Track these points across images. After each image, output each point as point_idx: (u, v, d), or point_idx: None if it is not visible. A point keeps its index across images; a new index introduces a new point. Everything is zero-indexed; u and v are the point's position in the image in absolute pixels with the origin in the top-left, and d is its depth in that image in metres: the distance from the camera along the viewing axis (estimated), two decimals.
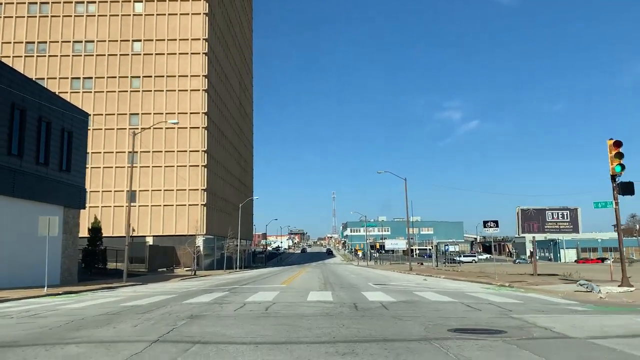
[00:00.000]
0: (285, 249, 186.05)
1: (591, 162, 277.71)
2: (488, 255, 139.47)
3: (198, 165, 66.41)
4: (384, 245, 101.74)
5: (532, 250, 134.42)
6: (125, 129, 67.00)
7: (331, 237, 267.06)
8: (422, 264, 73.04)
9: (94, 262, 45.64)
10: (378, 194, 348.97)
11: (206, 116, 67.51)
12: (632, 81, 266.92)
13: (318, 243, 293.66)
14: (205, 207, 66.18)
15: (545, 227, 34.48)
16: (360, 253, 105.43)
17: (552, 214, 33.47)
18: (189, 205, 65.84)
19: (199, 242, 65.43)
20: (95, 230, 46.89)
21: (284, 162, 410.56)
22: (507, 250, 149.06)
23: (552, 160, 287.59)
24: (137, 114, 67.36)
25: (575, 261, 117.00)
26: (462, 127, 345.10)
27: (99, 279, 37.46)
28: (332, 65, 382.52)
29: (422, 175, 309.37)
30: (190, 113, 67.42)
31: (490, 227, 28.45)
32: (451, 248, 79.81)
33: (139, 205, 65.78)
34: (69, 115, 32.04)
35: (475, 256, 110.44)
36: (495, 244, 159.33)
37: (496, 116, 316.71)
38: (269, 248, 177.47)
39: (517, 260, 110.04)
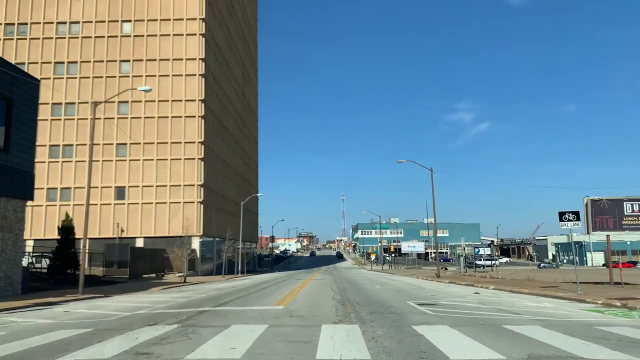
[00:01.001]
0: (294, 252, 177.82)
1: (597, 162, 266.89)
2: (508, 259, 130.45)
3: (194, 158, 58.62)
4: (400, 248, 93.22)
5: (554, 253, 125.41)
6: (114, 118, 59.54)
7: (341, 240, 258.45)
8: (446, 269, 64.79)
9: (66, 267, 38.13)
10: (389, 196, 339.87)
11: (203, 104, 59.77)
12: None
13: (327, 246, 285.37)
14: (202, 205, 58.33)
15: (623, 222, 26.50)
16: (373, 257, 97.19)
17: (632, 205, 25.37)
18: (184, 202, 58.06)
19: (195, 244, 57.66)
20: (67, 230, 39.33)
21: (292, 164, 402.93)
22: (527, 253, 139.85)
23: (567, 164, 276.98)
24: (127, 101, 59.81)
25: (603, 265, 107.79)
26: (474, 129, 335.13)
27: (58, 288, 29.92)
28: (342, 67, 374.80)
29: (428, 179, 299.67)
30: (186, 100, 59.74)
31: (570, 220, 20.32)
32: (481, 251, 71.04)
33: (128, 203, 58.20)
34: (7, 77, 24.37)
35: (495, 260, 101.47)
36: (514, 247, 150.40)
37: (507, 118, 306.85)
38: (277, 251, 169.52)
39: (542, 265, 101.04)
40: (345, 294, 20.28)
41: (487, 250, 68.81)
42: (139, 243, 56.73)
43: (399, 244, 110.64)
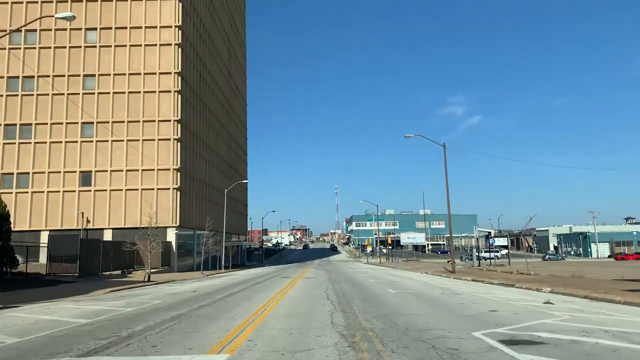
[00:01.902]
0: (286, 245, 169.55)
1: (595, 156, 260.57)
2: (506, 251, 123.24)
3: (169, 139, 50.25)
4: (399, 240, 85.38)
5: (555, 245, 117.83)
6: (79, 94, 51.02)
7: (334, 233, 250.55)
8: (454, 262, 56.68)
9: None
10: (382, 189, 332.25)
11: (179, 77, 51.36)
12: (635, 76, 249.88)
13: (321, 239, 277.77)
14: (178, 192, 50.03)
15: None
16: (369, 249, 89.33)
17: None
18: (158, 189, 49.77)
19: (171, 236, 49.51)
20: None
21: (285, 157, 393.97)
22: (527, 245, 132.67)
23: (557, 155, 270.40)
24: (94, 75, 51.28)
25: (609, 256, 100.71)
26: (465, 122, 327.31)
27: None
28: (334, 60, 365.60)
29: (425, 170, 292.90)
30: (160, 73, 51.28)
31: None
32: (498, 242, 63.26)
33: (95, 190, 49.80)
34: None
35: (498, 252, 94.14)
36: (513, 239, 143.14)
37: (499, 111, 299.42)
38: (269, 244, 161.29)
39: (547, 257, 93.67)
40: (350, 310, 12.26)
41: (504, 241, 60.98)
42: (107, 235, 48.52)
43: (394, 235, 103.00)
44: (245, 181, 68.52)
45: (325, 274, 34.09)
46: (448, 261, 61.99)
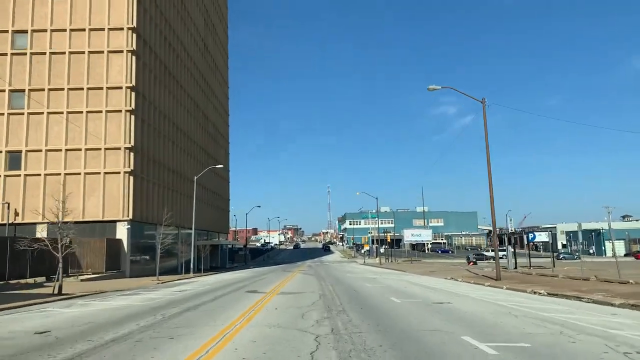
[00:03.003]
0: (276, 244, 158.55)
1: (590, 156, 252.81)
2: (512, 250, 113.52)
3: (120, 110, 39.45)
4: (397, 238, 75.02)
5: (564, 243, 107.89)
6: (6, 54, 40.10)
7: (327, 233, 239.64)
8: (475, 262, 46.82)
9: None
10: (376, 187, 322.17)
11: (134, 33, 40.51)
12: (629, 77, 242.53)
13: (313, 239, 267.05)
14: (131, 177, 39.17)
15: None
16: (367, 248, 79.01)
17: None
18: (105, 173, 38.91)
19: (121, 231, 38.72)
20: None
21: (276, 157, 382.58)
22: (533, 243, 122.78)
23: (549, 155, 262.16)
24: (25, 31, 40.33)
25: (625, 255, 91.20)
26: (458, 122, 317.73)
27: None
28: (325, 60, 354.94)
29: (420, 169, 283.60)
30: (109, 29, 40.47)
31: None
32: (541, 237, 53.07)
33: (26, 175, 38.88)
34: None
35: (505, 251, 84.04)
36: (517, 237, 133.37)
37: (491, 110, 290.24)
38: (257, 244, 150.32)
39: (562, 256, 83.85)
40: None
41: (545, 237, 51.03)
42: (41, 231, 37.58)
43: (392, 234, 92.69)
44: (220, 166, 57.37)
45: (316, 284, 23.53)
46: (469, 262, 51.87)
